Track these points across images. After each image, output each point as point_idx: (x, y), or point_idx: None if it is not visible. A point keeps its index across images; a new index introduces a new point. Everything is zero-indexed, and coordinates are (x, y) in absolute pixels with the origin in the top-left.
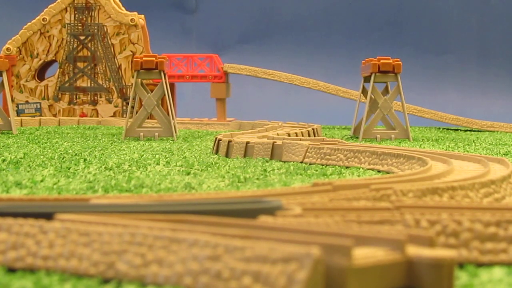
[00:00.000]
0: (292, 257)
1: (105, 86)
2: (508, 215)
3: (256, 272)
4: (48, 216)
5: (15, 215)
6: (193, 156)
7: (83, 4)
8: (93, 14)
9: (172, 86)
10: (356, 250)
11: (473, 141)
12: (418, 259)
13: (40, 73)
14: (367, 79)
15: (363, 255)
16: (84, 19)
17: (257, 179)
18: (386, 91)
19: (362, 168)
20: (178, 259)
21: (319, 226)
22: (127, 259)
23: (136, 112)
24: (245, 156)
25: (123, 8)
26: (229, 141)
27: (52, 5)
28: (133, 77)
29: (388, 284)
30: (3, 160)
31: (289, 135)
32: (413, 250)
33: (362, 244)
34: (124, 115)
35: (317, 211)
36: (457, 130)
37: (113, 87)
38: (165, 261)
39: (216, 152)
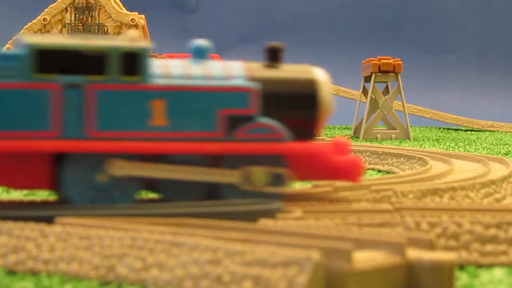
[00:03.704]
0: (292, 261)
1: None
2: (509, 217)
3: (257, 276)
4: (48, 219)
5: (15, 218)
6: None
7: (84, 4)
8: (93, 14)
9: None
10: (356, 254)
11: (474, 141)
12: (419, 262)
13: None
14: (367, 79)
15: (363, 258)
16: (85, 19)
17: None
18: (386, 91)
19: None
20: (179, 263)
21: (319, 229)
22: (128, 263)
23: None
24: None
25: (123, 8)
26: None
27: (52, 5)
28: None
29: (388, 287)
30: None
31: None
32: (414, 253)
33: (362, 247)
34: None
35: (317, 214)
36: (457, 130)
37: None
38: (166, 265)
39: None
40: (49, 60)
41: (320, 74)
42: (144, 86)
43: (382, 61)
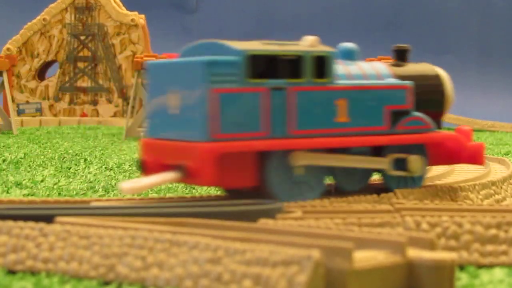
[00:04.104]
0: (293, 260)
1: (105, 86)
2: (509, 217)
3: (257, 275)
4: (48, 218)
5: (15, 217)
6: None
7: (84, 4)
8: (93, 14)
9: None
10: (357, 253)
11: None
12: (419, 261)
13: (41, 73)
14: None
15: (364, 257)
16: (85, 19)
17: None
18: None
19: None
20: (179, 262)
21: (320, 229)
22: (128, 262)
23: (137, 112)
24: None
25: (123, 8)
26: None
27: (52, 5)
28: (133, 77)
29: (388, 286)
30: (4, 160)
31: None
32: (414, 253)
33: (362, 246)
34: (125, 115)
35: (318, 214)
36: None
37: (114, 87)
38: (166, 264)
39: None
40: (258, 65)
41: (441, 71)
42: (331, 87)
43: (382, 61)
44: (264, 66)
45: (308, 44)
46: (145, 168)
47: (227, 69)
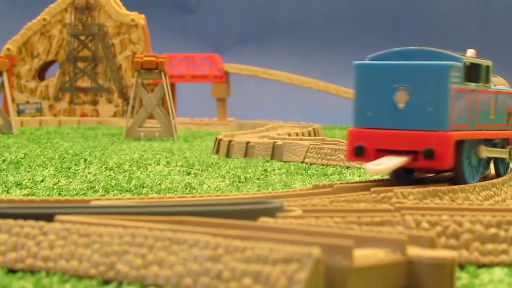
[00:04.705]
0: (293, 258)
1: (105, 86)
2: (509, 217)
3: (257, 272)
4: (48, 217)
5: (15, 216)
6: (193, 156)
7: (84, 4)
8: (93, 14)
9: (172, 86)
10: (357, 251)
11: None
12: (419, 260)
13: (41, 73)
14: None
15: (364, 255)
16: (85, 19)
17: (258, 179)
18: None
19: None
20: (179, 260)
21: (320, 227)
22: (128, 260)
23: (137, 112)
24: (245, 156)
25: (123, 8)
26: (230, 141)
27: (52, 5)
28: (133, 77)
29: (389, 284)
30: (4, 160)
31: (289, 135)
32: (414, 251)
33: (363, 244)
34: (125, 115)
35: (318, 213)
36: None
37: (114, 87)
38: (166, 262)
39: (217, 152)
40: (467, 71)
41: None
42: (490, 91)
43: None
44: (465, 72)
45: (470, 55)
46: (363, 153)
47: (457, 72)
